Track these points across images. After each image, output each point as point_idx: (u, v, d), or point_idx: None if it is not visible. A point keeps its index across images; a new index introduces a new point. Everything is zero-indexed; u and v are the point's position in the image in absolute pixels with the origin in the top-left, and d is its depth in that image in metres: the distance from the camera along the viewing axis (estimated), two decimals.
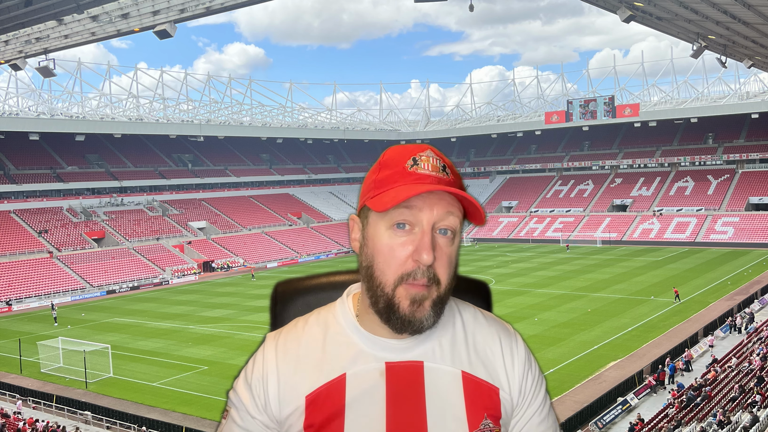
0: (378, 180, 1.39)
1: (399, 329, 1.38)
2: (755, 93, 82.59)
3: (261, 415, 1.43)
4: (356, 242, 1.44)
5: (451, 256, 1.38)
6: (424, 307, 1.36)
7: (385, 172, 1.39)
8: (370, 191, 1.39)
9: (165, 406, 27.83)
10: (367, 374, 1.41)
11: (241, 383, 1.48)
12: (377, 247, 1.37)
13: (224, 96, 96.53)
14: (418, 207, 1.34)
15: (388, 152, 1.42)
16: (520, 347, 1.53)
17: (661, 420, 23.08)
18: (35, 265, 60.20)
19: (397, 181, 1.35)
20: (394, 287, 1.35)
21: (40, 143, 73.66)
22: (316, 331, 1.47)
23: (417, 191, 1.32)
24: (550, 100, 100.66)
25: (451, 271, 1.39)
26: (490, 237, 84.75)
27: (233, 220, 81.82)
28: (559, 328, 37.14)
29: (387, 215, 1.36)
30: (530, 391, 1.51)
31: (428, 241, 1.33)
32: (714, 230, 72.78)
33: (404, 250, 1.34)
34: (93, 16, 29.42)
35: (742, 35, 31.69)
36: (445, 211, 1.36)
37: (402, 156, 1.39)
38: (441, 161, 1.39)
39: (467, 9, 30.59)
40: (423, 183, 1.34)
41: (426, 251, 1.33)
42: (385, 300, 1.36)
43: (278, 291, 1.68)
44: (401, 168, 1.37)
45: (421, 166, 1.37)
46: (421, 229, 1.34)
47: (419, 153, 1.39)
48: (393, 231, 1.36)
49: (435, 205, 1.35)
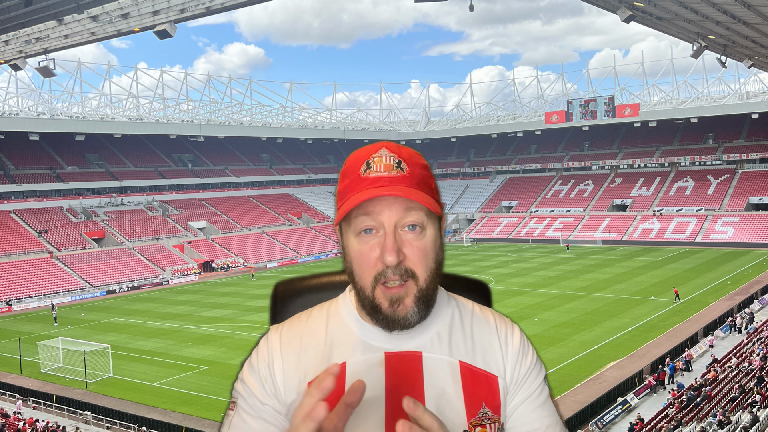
0: (339, 191, 1.43)
1: (387, 327, 1.42)
2: (755, 93, 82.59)
3: (272, 400, 1.46)
4: (340, 251, 1.50)
5: (424, 248, 1.40)
6: (406, 305, 1.39)
7: (344, 182, 1.43)
8: (337, 203, 1.44)
9: (165, 406, 27.83)
10: (366, 363, 1.44)
11: (247, 372, 1.50)
12: (351, 254, 1.42)
13: (224, 96, 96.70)
14: (376, 211, 1.38)
15: (348, 160, 1.45)
16: (516, 335, 1.55)
17: (661, 420, 23.08)
18: (35, 265, 60.21)
19: (353, 189, 1.38)
20: (372, 289, 1.40)
21: (40, 143, 73.67)
22: (318, 322, 1.52)
23: (359, 200, 1.35)
24: (550, 100, 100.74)
25: (428, 263, 1.41)
26: (490, 237, 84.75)
27: (233, 220, 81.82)
28: (559, 328, 37.14)
29: (351, 226, 1.41)
30: (523, 377, 1.52)
31: (390, 242, 1.37)
32: (714, 230, 72.78)
33: (373, 252, 1.39)
34: (93, 16, 29.42)
35: (742, 35, 31.70)
36: (404, 208, 1.38)
37: (357, 162, 1.42)
38: (396, 157, 1.41)
39: (467, 9, 30.60)
40: (375, 186, 1.36)
41: (388, 252, 1.36)
42: (368, 302, 1.42)
43: (278, 291, 1.70)
44: (356, 175, 1.40)
45: (374, 168, 1.39)
46: (383, 231, 1.38)
47: (372, 155, 1.41)
48: (361, 237, 1.40)
49: (392, 205, 1.38)
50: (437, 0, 28.86)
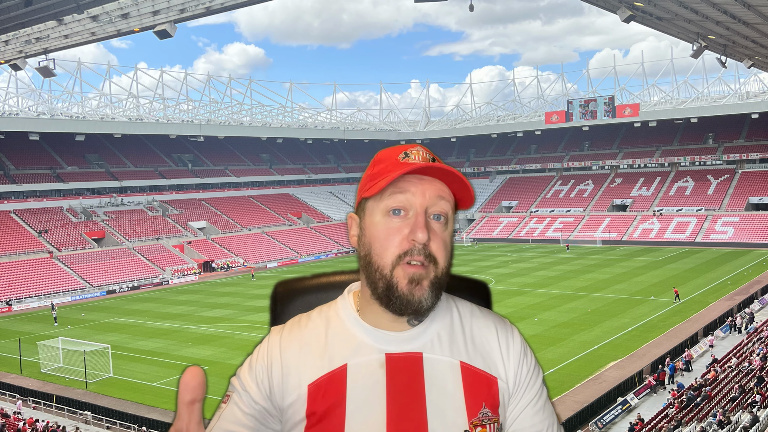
0: (372, 174, 1.48)
1: (399, 311, 1.43)
2: (755, 93, 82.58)
3: (265, 401, 1.47)
4: (354, 237, 1.52)
5: (445, 240, 1.46)
6: (423, 287, 1.41)
7: (378, 166, 1.48)
8: (366, 185, 1.48)
9: (165, 406, 27.81)
10: (367, 365, 1.45)
11: (245, 371, 1.52)
12: (374, 234, 1.44)
13: (224, 96, 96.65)
14: (411, 192, 1.43)
15: (380, 152, 1.52)
16: (516, 338, 1.57)
17: (661, 420, 23.08)
18: (35, 265, 60.21)
19: (391, 170, 1.43)
20: (392, 268, 1.41)
21: (40, 143, 73.66)
22: (318, 325, 1.53)
23: (407, 168, 1.41)
24: (550, 100, 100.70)
25: (446, 254, 1.45)
26: (490, 237, 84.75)
27: (233, 220, 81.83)
28: (559, 328, 37.13)
29: (382, 202, 1.44)
30: (525, 381, 1.53)
31: (422, 221, 1.42)
32: (714, 230, 72.78)
33: (400, 232, 1.42)
34: (93, 16, 29.42)
35: (742, 35, 31.69)
36: (437, 196, 1.44)
37: (394, 152, 1.49)
38: (430, 155, 1.48)
39: (467, 9, 30.59)
40: (416, 167, 1.43)
41: (421, 230, 1.40)
42: (384, 282, 1.42)
43: (278, 291, 1.70)
44: (394, 160, 1.46)
45: (412, 157, 1.45)
46: (414, 212, 1.42)
47: (410, 148, 1.49)
48: (389, 217, 1.43)
49: (426, 191, 1.43)
50: (437, 0, 28.86)
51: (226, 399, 1.51)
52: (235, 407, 1.48)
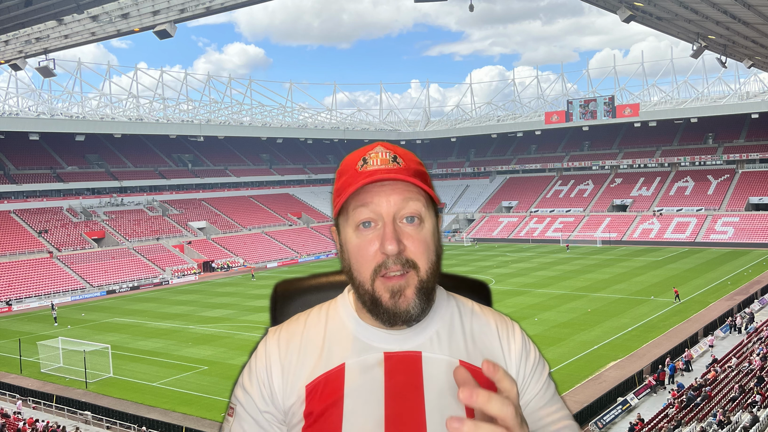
0: (336, 189, 1.45)
1: (388, 322, 1.41)
2: (755, 93, 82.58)
3: (269, 406, 1.46)
4: (337, 251, 1.50)
5: (425, 240, 1.41)
6: (407, 296, 1.39)
7: (340, 180, 1.45)
8: (333, 201, 1.45)
9: (165, 406, 27.82)
10: (366, 364, 1.44)
11: (246, 377, 1.51)
12: (350, 249, 1.42)
13: (224, 96, 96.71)
14: (374, 202, 1.39)
15: (344, 161, 1.47)
16: (517, 335, 1.55)
17: (661, 420, 23.08)
18: (35, 265, 60.20)
19: (350, 184, 1.40)
20: (371, 282, 1.39)
21: (40, 143, 73.67)
22: (316, 324, 1.52)
23: (361, 183, 1.36)
24: (550, 100, 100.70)
25: (429, 255, 1.41)
26: (490, 237, 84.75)
27: (233, 220, 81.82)
28: (559, 328, 37.13)
29: (350, 218, 1.41)
30: (528, 376, 1.52)
31: (390, 231, 1.37)
32: (714, 230, 72.78)
33: (372, 245, 1.39)
34: (93, 16, 29.41)
35: (742, 35, 31.69)
36: (402, 198, 1.39)
37: (353, 160, 1.44)
38: (391, 153, 1.42)
39: (467, 9, 30.58)
40: (373, 177, 1.38)
41: (388, 241, 1.36)
42: (368, 297, 1.41)
43: (278, 291, 1.70)
44: (353, 171, 1.42)
45: (370, 163, 1.41)
46: (383, 223, 1.38)
47: (368, 152, 1.43)
48: (359, 231, 1.40)
49: (390, 196, 1.39)
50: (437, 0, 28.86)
51: (231, 412, 1.50)
52: (242, 422, 1.47)
